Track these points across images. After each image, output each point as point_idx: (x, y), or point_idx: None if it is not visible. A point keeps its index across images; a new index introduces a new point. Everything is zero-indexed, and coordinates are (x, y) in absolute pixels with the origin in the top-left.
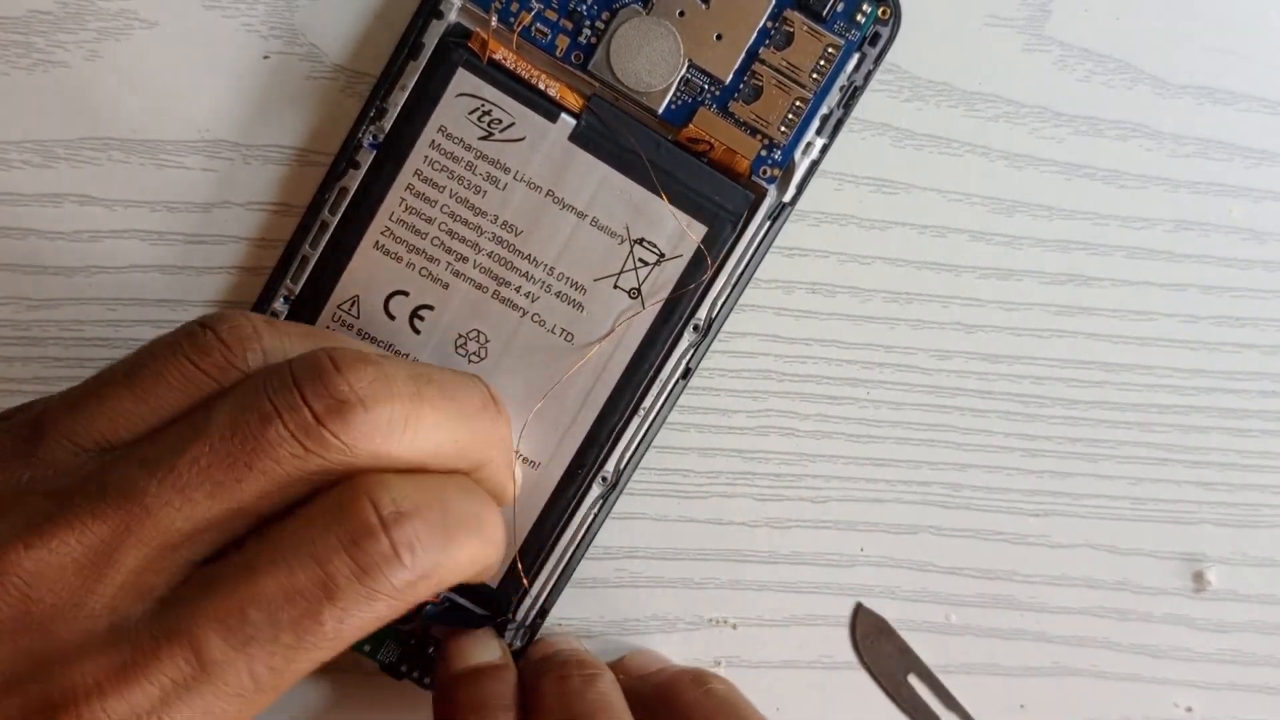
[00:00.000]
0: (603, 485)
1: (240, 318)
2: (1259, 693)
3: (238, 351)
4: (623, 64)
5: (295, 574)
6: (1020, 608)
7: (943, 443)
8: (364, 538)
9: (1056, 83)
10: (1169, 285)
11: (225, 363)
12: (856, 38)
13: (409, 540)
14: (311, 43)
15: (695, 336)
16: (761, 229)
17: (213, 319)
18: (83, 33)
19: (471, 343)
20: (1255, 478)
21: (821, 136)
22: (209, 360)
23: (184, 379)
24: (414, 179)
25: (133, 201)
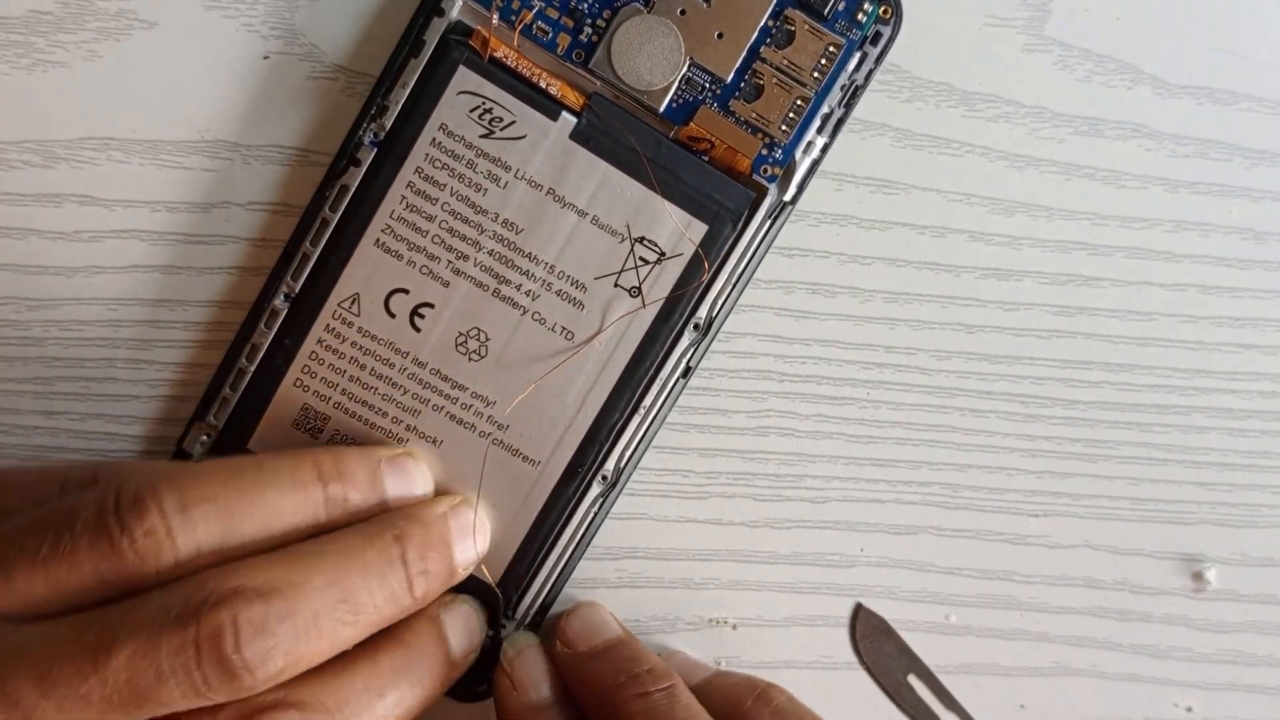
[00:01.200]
0: (602, 484)
1: (153, 516)
2: (1259, 693)
3: (150, 561)
4: (624, 62)
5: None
6: (1020, 608)
7: (943, 443)
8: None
9: (1056, 83)
10: (1169, 285)
11: (136, 571)
12: (858, 37)
13: None
14: (311, 43)
15: (695, 335)
16: (762, 228)
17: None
18: (83, 33)
19: (472, 341)
20: (1255, 478)
21: (822, 135)
22: (122, 568)
23: (97, 579)
24: (415, 177)
25: (133, 201)
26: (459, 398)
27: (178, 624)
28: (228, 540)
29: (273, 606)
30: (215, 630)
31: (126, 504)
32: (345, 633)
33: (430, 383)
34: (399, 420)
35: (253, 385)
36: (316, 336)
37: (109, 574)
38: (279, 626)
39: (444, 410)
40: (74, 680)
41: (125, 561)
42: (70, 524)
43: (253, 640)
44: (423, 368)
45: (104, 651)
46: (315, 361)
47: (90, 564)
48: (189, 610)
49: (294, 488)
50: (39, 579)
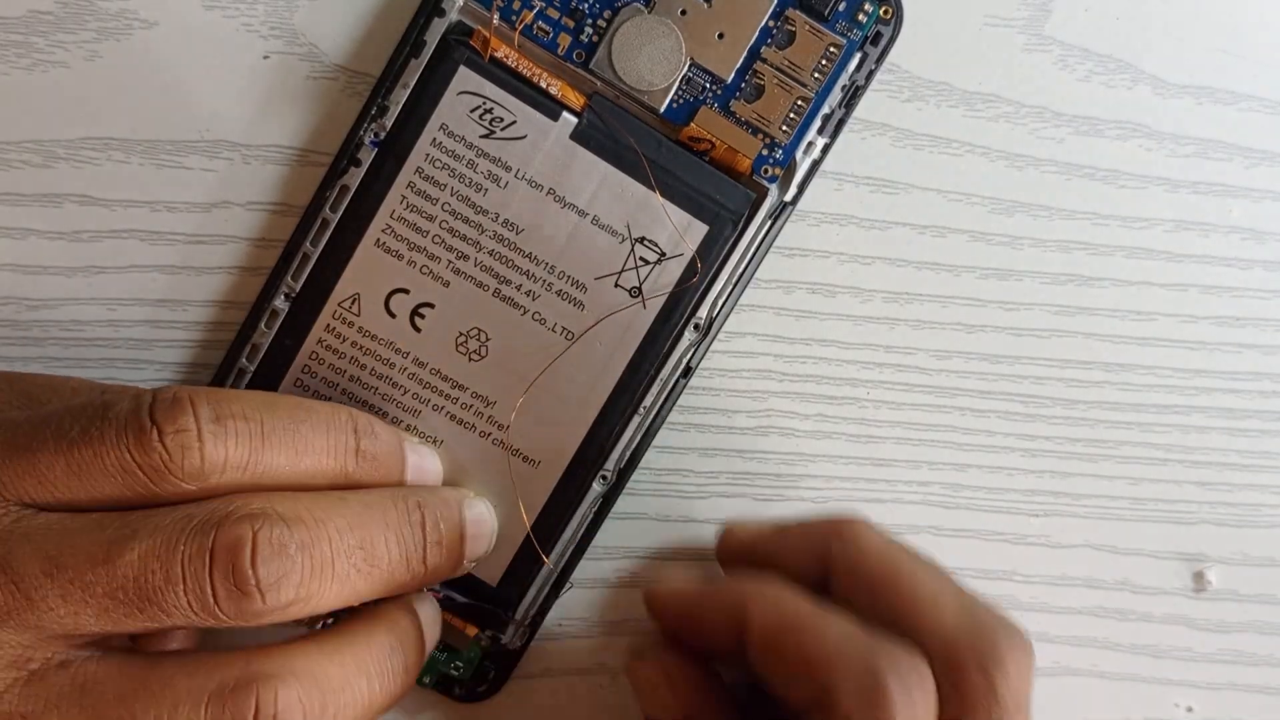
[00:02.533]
0: (603, 484)
1: (186, 417)
2: (1259, 693)
3: (176, 460)
4: (624, 62)
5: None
6: (1020, 608)
7: (943, 443)
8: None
9: (1056, 83)
10: (1169, 285)
11: (162, 467)
12: (858, 37)
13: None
14: (311, 43)
15: (696, 335)
16: (762, 228)
17: (161, 413)
18: (83, 33)
19: (472, 341)
20: (1255, 478)
21: (823, 136)
22: (148, 461)
23: (121, 470)
24: (415, 177)
25: (133, 201)
26: (459, 398)
27: (198, 530)
28: (255, 462)
29: (294, 532)
30: (234, 541)
31: (162, 401)
32: (359, 582)
33: (430, 383)
34: (399, 420)
35: (253, 385)
36: (317, 336)
37: (133, 466)
38: (298, 554)
39: (444, 410)
40: (82, 567)
41: (151, 456)
42: (103, 413)
43: (270, 559)
44: (423, 368)
45: (119, 545)
46: (316, 361)
47: (116, 454)
48: (211, 520)
49: (328, 430)
50: (61, 462)
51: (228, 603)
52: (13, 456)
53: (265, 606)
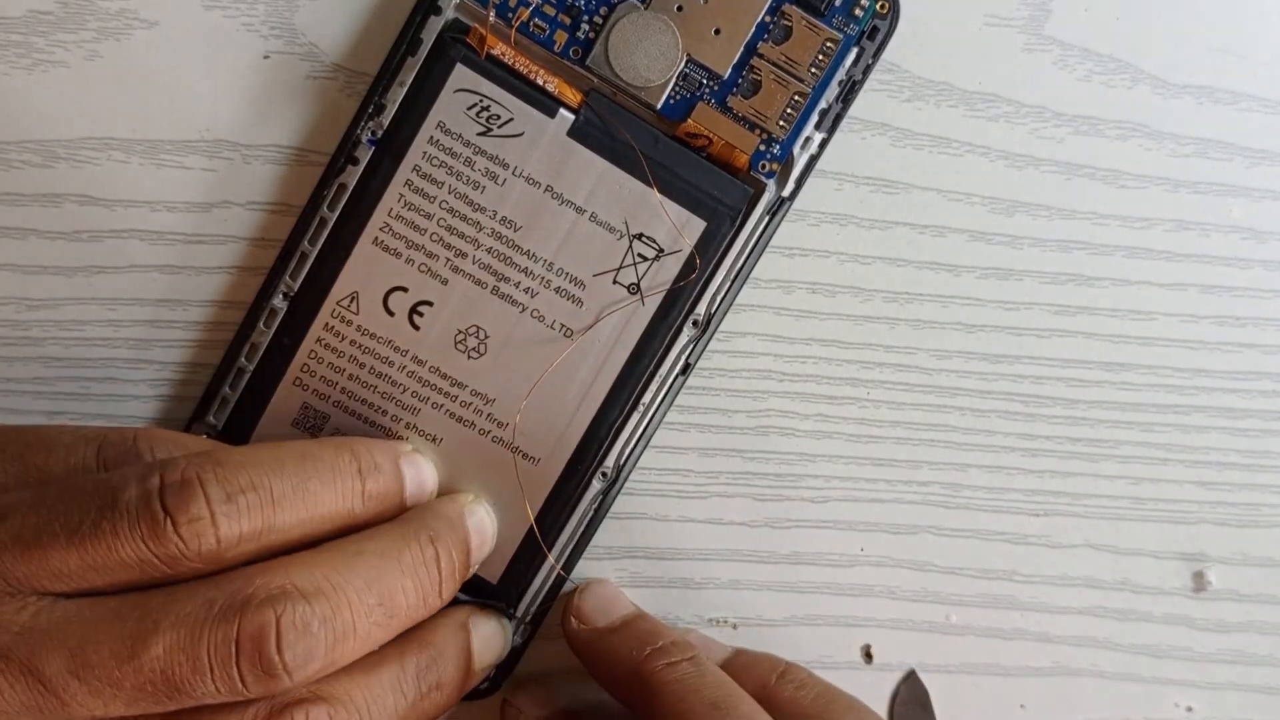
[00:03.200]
0: (602, 481)
1: (199, 503)
2: (1259, 693)
3: (193, 547)
4: (621, 59)
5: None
6: (1020, 608)
7: (943, 443)
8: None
9: (1056, 83)
10: (1169, 285)
11: (179, 555)
12: (855, 32)
13: None
14: (311, 42)
15: (694, 332)
16: (760, 224)
17: (172, 501)
18: (83, 33)
19: (470, 338)
20: (1255, 478)
21: (820, 131)
22: (164, 551)
23: (137, 561)
24: (412, 175)
25: (133, 201)
26: (458, 395)
27: (221, 619)
28: (268, 529)
29: (316, 609)
30: (259, 630)
31: (171, 488)
32: (378, 634)
33: (429, 380)
34: (398, 418)
35: (252, 384)
36: (315, 335)
37: (149, 557)
38: (320, 630)
39: (443, 408)
40: (109, 664)
41: (167, 547)
42: (113, 503)
43: (295, 642)
44: (422, 365)
45: (143, 640)
46: (314, 360)
47: (130, 546)
48: (233, 606)
49: (334, 479)
50: (75, 556)
51: (255, 685)
52: (23, 553)
53: (294, 681)
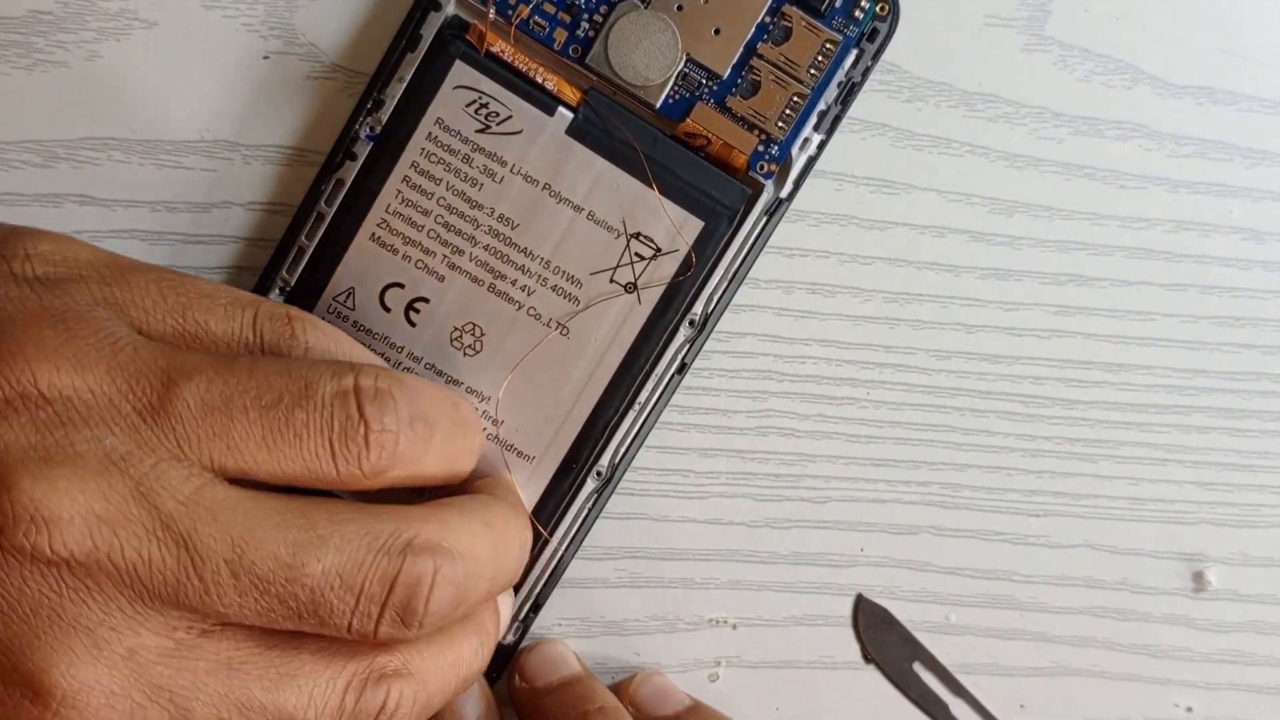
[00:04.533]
0: (598, 480)
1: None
2: (1259, 693)
3: (373, 456)
4: (620, 58)
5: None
6: (1020, 608)
7: (942, 443)
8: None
9: (1056, 83)
10: (1169, 285)
11: (355, 460)
12: (854, 33)
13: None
14: (311, 42)
15: (691, 332)
16: (758, 224)
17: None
18: (83, 33)
19: (467, 335)
20: (1255, 478)
21: (819, 132)
22: (347, 452)
23: (314, 455)
24: (410, 171)
25: (133, 201)
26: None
27: (385, 554)
28: (421, 464)
29: (462, 571)
30: (418, 578)
31: (367, 393)
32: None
33: (425, 377)
34: None
35: None
36: None
37: (328, 455)
38: (458, 592)
39: None
40: (266, 566)
41: (351, 449)
42: (307, 392)
43: (443, 600)
44: (418, 362)
45: (307, 553)
46: None
47: (316, 440)
48: (397, 547)
49: (469, 434)
50: (258, 433)
51: (387, 630)
52: (208, 415)
53: (414, 635)
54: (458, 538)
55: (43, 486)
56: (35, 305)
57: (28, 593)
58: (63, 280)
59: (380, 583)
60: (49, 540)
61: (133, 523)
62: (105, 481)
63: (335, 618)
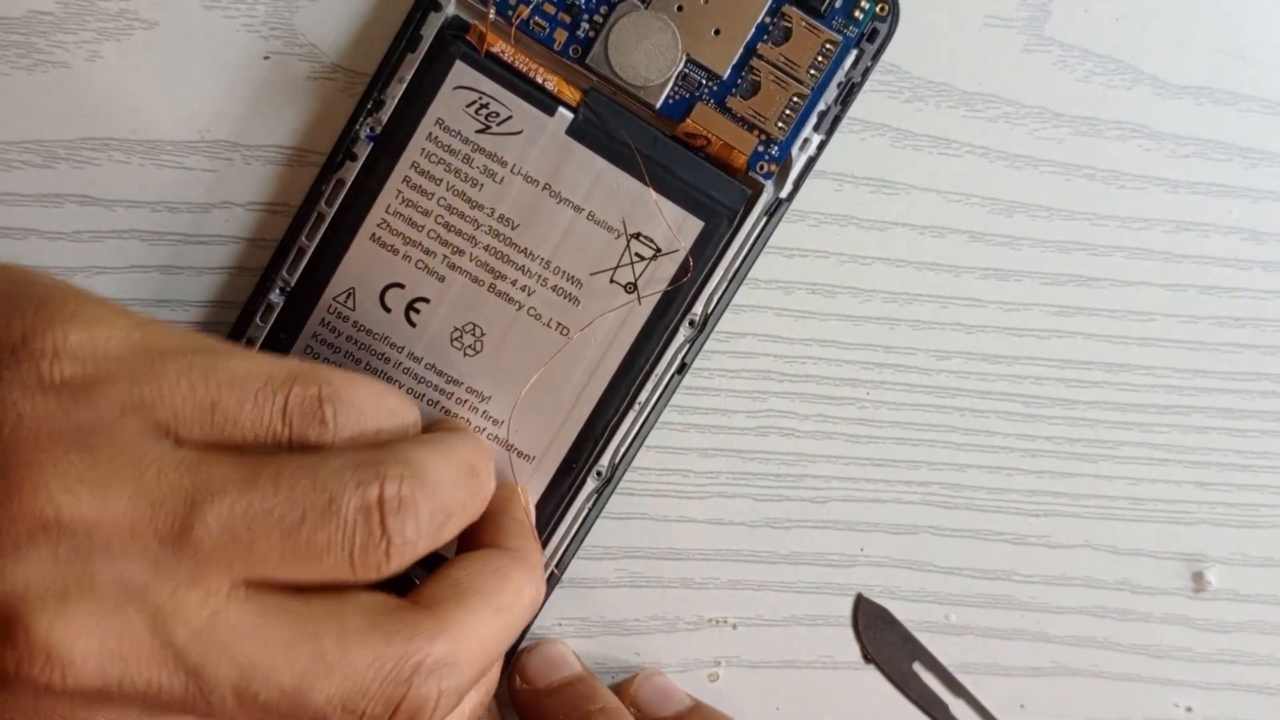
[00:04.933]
0: (598, 480)
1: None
2: (1259, 693)
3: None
4: (620, 58)
5: None
6: (1020, 608)
7: (942, 443)
8: None
9: (1056, 83)
10: (1169, 285)
11: (374, 569)
12: (854, 34)
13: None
14: (311, 43)
15: (691, 332)
16: (758, 225)
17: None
18: (83, 33)
19: (467, 336)
20: (1255, 478)
21: (819, 133)
22: (365, 562)
23: (333, 569)
24: (411, 171)
25: (133, 202)
26: (454, 392)
27: (390, 682)
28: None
29: (464, 681)
30: (420, 705)
31: (390, 506)
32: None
33: (425, 377)
34: None
35: None
36: (311, 331)
37: (346, 566)
38: (464, 691)
39: (439, 405)
40: (273, 698)
41: (369, 560)
42: (332, 509)
43: (446, 710)
44: (418, 362)
45: (310, 681)
46: (310, 355)
47: (336, 559)
48: (403, 674)
49: (482, 495)
50: (277, 556)
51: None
52: (230, 540)
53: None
54: (468, 645)
55: (59, 629)
56: (60, 422)
57: (42, 711)
58: (92, 383)
59: (384, 708)
60: (62, 678)
61: (144, 656)
62: (121, 618)
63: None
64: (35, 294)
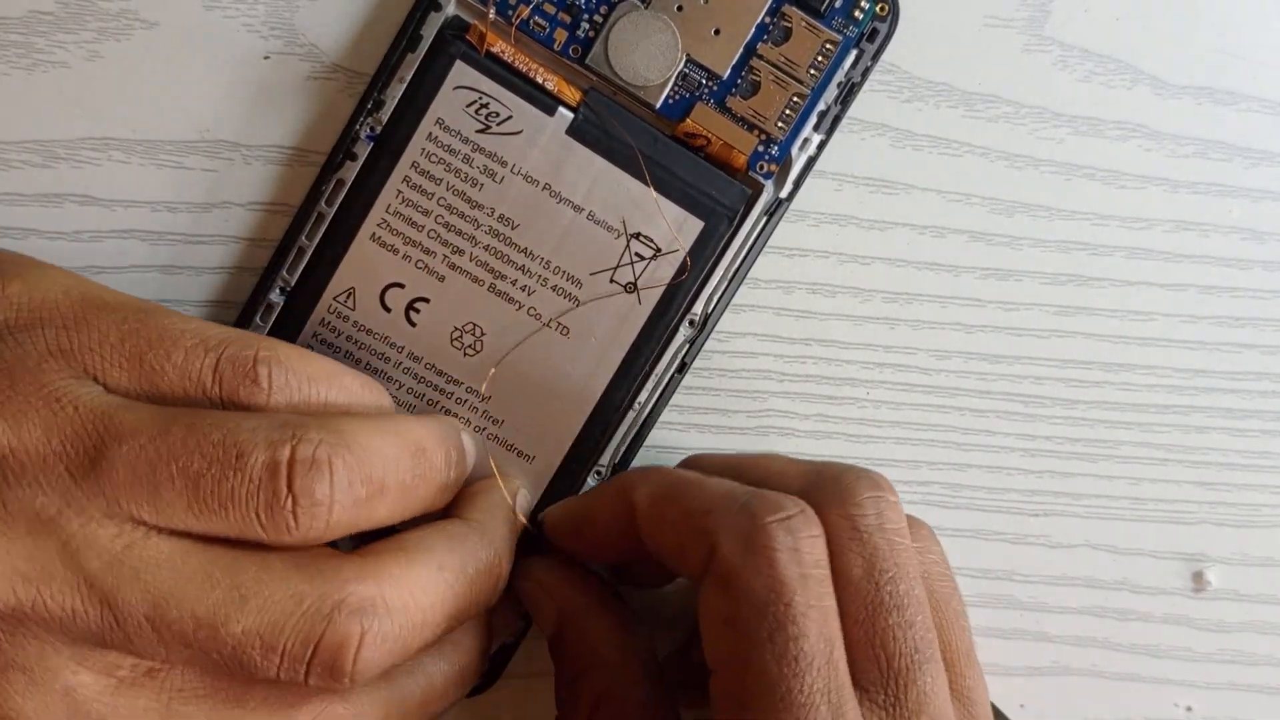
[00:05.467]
0: (597, 480)
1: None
2: (1259, 693)
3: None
4: (620, 58)
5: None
6: (1020, 608)
7: (942, 443)
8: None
9: (1056, 83)
10: (1169, 285)
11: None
12: (854, 34)
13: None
14: (311, 42)
15: (691, 332)
16: (758, 225)
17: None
18: (83, 33)
19: (467, 335)
20: (1255, 478)
21: (819, 133)
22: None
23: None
24: (411, 171)
25: (133, 202)
26: (454, 392)
27: (308, 618)
28: (369, 519)
29: (397, 625)
30: (343, 640)
31: (301, 465)
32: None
33: (425, 377)
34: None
35: None
36: (312, 330)
37: (254, 524)
38: (395, 644)
39: (439, 405)
40: (187, 625)
41: (276, 522)
42: (237, 463)
43: (370, 656)
44: (418, 362)
45: (226, 615)
46: None
47: (242, 510)
48: (322, 610)
49: (433, 476)
50: (184, 501)
51: (316, 681)
52: (134, 481)
53: (347, 687)
54: (397, 592)
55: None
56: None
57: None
58: (21, 327)
59: (302, 644)
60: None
61: (56, 580)
62: (32, 541)
63: (261, 672)
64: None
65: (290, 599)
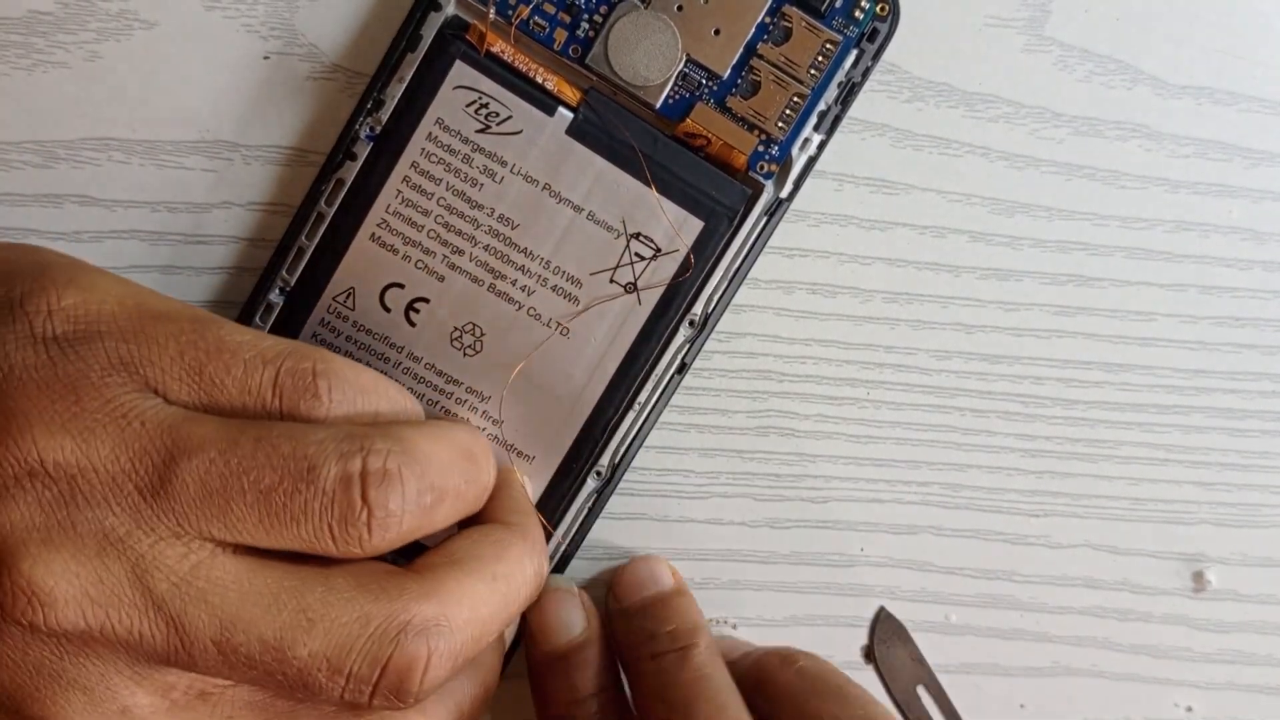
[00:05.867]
0: (598, 480)
1: (398, 499)
2: (1259, 693)
3: (376, 538)
4: (620, 58)
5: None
6: (1020, 608)
7: (943, 443)
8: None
9: (1056, 83)
10: (1169, 285)
11: (355, 542)
12: (855, 34)
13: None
14: (311, 43)
15: (691, 332)
16: (758, 225)
17: (374, 493)
18: (83, 33)
19: (467, 335)
20: (1255, 478)
21: (819, 133)
22: (344, 535)
23: (313, 537)
24: (410, 171)
25: (133, 202)
26: (454, 392)
27: (375, 640)
28: (430, 527)
29: (461, 643)
30: (410, 662)
31: (374, 478)
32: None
33: (425, 377)
34: None
35: None
36: (311, 330)
37: (327, 537)
38: (458, 660)
39: (439, 405)
40: (253, 649)
41: (350, 533)
42: (310, 477)
43: (436, 675)
44: (418, 362)
45: (293, 639)
46: None
47: (315, 525)
48: (389, 632)
49: (481, 481)
50: (255, 517)
51: (381, 703)
52: (205, 496)
53: (411, 705)
54: (458, 609)
55: (41, 569)
56: (49, 373)
57: (30, 655)
58: (80, 339)
59: (370, 666)
60: (44, 618)
61: (125, 604)
62: (101, 564)
63: (325, 694)
64: (40, 261)
65: (357, 621)
